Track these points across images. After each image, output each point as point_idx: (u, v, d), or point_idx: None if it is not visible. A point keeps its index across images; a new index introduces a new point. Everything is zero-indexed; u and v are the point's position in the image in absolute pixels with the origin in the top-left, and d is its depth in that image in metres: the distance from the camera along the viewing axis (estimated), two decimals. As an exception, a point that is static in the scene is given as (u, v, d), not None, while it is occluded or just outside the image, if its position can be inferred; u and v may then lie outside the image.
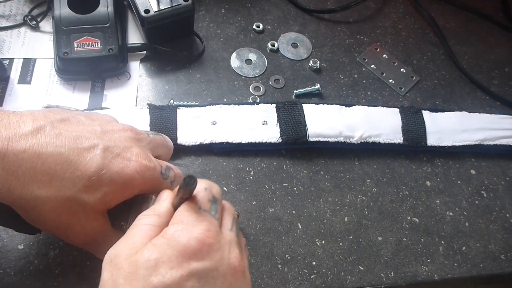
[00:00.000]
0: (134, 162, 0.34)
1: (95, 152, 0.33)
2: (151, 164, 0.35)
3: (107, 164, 0.33)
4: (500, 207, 0.50)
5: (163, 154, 0.40)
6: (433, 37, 0.62)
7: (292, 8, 0.62)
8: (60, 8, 0.49)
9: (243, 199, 0.47)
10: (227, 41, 0.57)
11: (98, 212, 0.34)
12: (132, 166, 0.34)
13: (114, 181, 0.33)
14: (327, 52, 0.58)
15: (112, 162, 0.33)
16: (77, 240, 0.35)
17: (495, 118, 0.55)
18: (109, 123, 0.37)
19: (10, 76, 0.51)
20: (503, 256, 0.47)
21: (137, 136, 0.37)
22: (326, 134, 0.50)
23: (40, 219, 0.33)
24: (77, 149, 0.32)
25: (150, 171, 0.35)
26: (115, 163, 0.33)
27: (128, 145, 0.35)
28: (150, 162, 0.35)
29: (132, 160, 0.34)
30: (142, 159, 0.35)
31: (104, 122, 0.36)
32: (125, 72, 0.53)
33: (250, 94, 0.53)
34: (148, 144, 0.37)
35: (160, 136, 0.40)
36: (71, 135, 0.33)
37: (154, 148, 0.38)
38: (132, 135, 0.36)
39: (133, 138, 0.36)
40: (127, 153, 0.34)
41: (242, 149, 0.49)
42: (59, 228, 0.33)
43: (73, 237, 0.34)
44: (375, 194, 0.49)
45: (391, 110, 0.53)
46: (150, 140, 0.38)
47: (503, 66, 0.61)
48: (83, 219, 0.33)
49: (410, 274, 0.45)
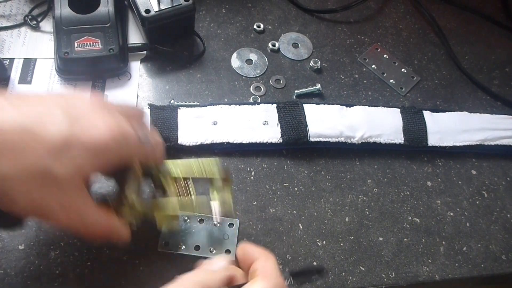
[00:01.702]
0: (104, 127, 0.32)
1: (60, 119, 0.31)
2: (123, 127, 0.33)
3: (74, 130, 0.31)
4: (501, 207, 0.50)
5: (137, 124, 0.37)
6: (434, 37, 0.62)
7: (292, 8, 0.62)
8: (61, 8, 0.49)
9: (244, 199, 0.47)
10: (227, 41, 0.57)
11: (73, 184, 0.31)
12: (102, 131, 0.32)
13: (84, 147, 0.31)
14: (327, 52, 0.58)
15: (80, 129, 0.31)
16: (58, 219, 0.32)
17: (496, 118, 0.55)
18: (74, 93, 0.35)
19: (11, 76, 0.51)
20: (504, 257, 0.47)
21: (105, 104, 0.35)
22: (327, 134, 0.50)
23: (12, 201, 0.30)
24: (40, 119, 0.30)
25: (124, 135, 0.33)
26: (83, 129, 0.31)
27: (96, 111, 0.33)
28: (122, 126, 0.33)
29: (101, 125, 0.32)
30: (112, 123, 0.33)
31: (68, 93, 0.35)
32: (126, 72, 0.52)
33: (251, 94, 0.53)
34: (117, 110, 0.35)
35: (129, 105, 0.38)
36: (33, 107, 0.31)
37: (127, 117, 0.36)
38: (100, 103, 0.34)
39: (100, 105, 0.34)
40: (95, 119, 0.32)
41: (243, 149, 0.49)
42: (34, 208, 0.31)
43: (53, 217, 0.32)
44: (376, 194, 0.49)
45: (392, 110, 0.53)
46: (119, 107, 0.36)
47: (503, 66, 0.61)
48: (58, 194, 0.31)
49: (411, 275, 0.45)
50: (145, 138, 0.35)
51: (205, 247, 0.43)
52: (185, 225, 0.44)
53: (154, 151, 0.36)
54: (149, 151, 0.36)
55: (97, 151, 0.31)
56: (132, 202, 0.36)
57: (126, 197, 0.36)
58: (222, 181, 0.40)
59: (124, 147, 0.33)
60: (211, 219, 0.44)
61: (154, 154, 0.37)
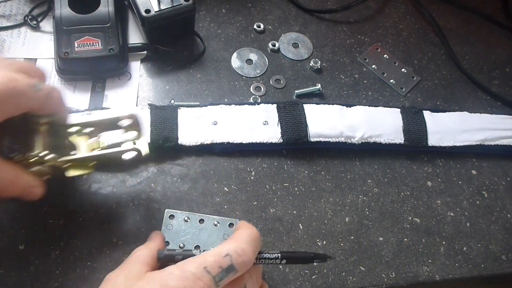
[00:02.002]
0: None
1: None
2: (13, 77, 0.33)
3: None
4: (501, 208, 0.50)
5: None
6: (434, 37, 0.62)
7: (293, 8, 0.62)
8: (61, 8, 0.49)
9: (244, 199, 0.47)
10: (227, 41, 0.57)
11: None
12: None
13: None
14: (328, 52, 0.58)
15: None
16: None
17: (496, 118, 0.55)
18: None
19: (11, 76, 0.51)
20: (504, 257, 0.47)
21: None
22: (327, 134, 0.50)
23: None
24: None
25: (14, 83, 0.33)
26: None
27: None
28: (12, 76, 0.33)
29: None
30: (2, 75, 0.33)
31: None
32: (126, 72, 0.52)
33: (251, 94, 0.53)
34: (11, 65, 0.36)
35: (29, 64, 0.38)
36: None
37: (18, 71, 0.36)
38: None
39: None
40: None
41: (243, 149, 0.49)
42: None
43: None
44: (376, 194, 0.49)
45: (392, 110, 0.53)
46: (9, 62, 0.36)
47: (504, 66, 0.61)
48: None
49: (411, 275, 0.45)
50: (36, 85, 0.35)
51: (205, 247, 0.43)
52: (185, 225, 0.44)
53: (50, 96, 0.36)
54: (44, 96, 0.36)
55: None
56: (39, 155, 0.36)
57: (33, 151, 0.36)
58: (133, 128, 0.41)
59: (15, 95, 0.33)
60: (211, 219, 0.44)
61: (51, 100, 0.37)
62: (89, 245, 0.40)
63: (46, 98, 0.36)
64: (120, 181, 0.46)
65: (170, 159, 0.48)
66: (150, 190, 0.46)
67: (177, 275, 0.31)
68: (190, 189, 0.46)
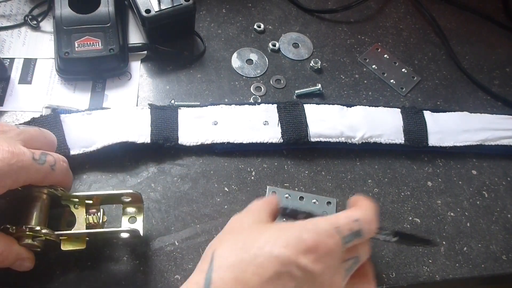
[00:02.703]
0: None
1: None
2: (16, 150, 0.34)
3: None
4: (502, 208, 0.50)
5: (41, 147, 0.38)
6: (434, 37, 0.62)
7: (293, 8, 0.62)
8: (61, 8, 0.49)
9: (245, 199, 0.47)
10: (228, 41, 0.57)
11: None
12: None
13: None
14: (328, 52, 0.58)
15: None
16: None
17: (496, 119, 0.55)
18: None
19: (11, 76, 0.51)
20: (504, 257, 0.47)
21: (0, 129, 0.36)
22: (327, 134, 0.50)
23: None
24: None
25: (17, 158, 0.33)
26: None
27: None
28: (15, 149, 0.34)
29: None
30: (4, 147, 0.33)
31: None
32: (126, 72, 0.52)
33: (251, 94, 0.53)
34: (17, 136, 0.36)
35: (34, 128, 0.39)
36: None
37: (27, 140, 0.37)
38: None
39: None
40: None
41: (243, 149, 0.49)
42: None
43: None
44: (377, 194, 0.49)
45: (392, 110, 0.53)
46: (19, 131, 0.37)
47: (504, 66, 0.61)
48: None
49: (412, 275, 0.45)
50: (41, 158, 0.36)
51: None
52: (286, 201, 0.46)
53: (53, 169, 0.36)
54: (48, 170, 0.36)
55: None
56: (33, 229, 0.36)
57: (27, 224, 0.36)
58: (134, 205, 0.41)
59: (18, 170, 0.34)
60: (310, 197, 0.47)
61: (54, 172, 0.37)
62: (90, 245, 0.39)
63: (50, 171, 0.36)
64: (120, 181, 0.46)
65: (170, 159, 0.48)
66: (150, 190, 0.46)
67: (311, 229, 0.31)
68: (191, 189, 0.46)
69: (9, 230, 0.36)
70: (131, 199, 0.40)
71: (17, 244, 0.36)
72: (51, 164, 0.36)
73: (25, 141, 0.36)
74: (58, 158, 0.37)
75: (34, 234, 0.36)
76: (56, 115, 0.46)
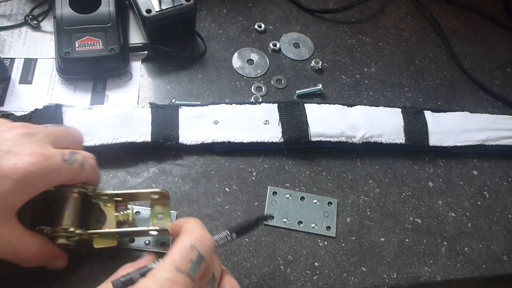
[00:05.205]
0: (27, 156, 0.33)
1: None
2: (47, 153, 0.34)
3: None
4: (503, 208, 0.50)
5: (69, 146, 0.38)
6: (435, 38, 0.62)
7: (294, 8, 0.62)
8: (62, 8, 0.49)
9: (245, 199, 0.47)
10: (228, 41, 0.57)
11: (1, 216, 0.33)
12: (25, 160, 0.33)
13: (8, 178, 0.32)
14: (329, 52, 0.58)
15: (3, 160, 0.32)
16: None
17: (497, 119, 0.55)
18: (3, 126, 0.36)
19: (11, 76, 0.50)
20: (505, 257, 0.47)
21: (30, 131, 0.36)
22: (328, 134, 0.49)
23: None
24: None
25: (48, 161, 0.34)
26: (6, 160, 0.32)
27: (19, 141, 0.34)
28: (46, 152, 0.34)
29: (24, 154, 0.33)
30: (36, 151, 0.34)
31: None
32: (127, 72, 0.52)
33: (252, 94, 0.53)
34: (46, 137, 0.36)
35: (61, 127, 0.39)
36: None
37: (56, 140, 0.37)
38: (23, 131, 0.35)
39: (24, 134, 0.35)
40: (18, 149, 0.33)
41: (244, 149, 0.49)
42: None
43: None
44: (377, 194, 0.49)
45: (393, 110, 0.53)
46: (48, 132, 0.37)
47: (505, 67, 0.61)
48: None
49: (413, 275, 0.45)
50: (71, 158, 0.36)
51: (308, 223, 0.46)
52: (287, 201, 0.46)
53: (83, 167, 0.37)
54: (78, 169, 0.36)
55: (21, 180, 0.33)
56: (67, 230, 0.37)
57: (61, 225, 0.37)
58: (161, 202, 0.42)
59: (51, 173, 0.34)
60: (311, 197, 0.47)
61: (84, 171, 0.37)
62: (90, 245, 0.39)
63: (79, 170, 0.37)
64: (121, 182, 0.46)
65: (171, 159, 0.48)
66: (151, 190, 0.46)
67: (152, 286, 0.30)
68: (191, 189, 0.46)
69: (44, 231, 0.37)
70: (159, 196, 0.41)
71: (52, 244, 0.37)
72: (80, 163, 0.37)
73: (53, 141, 0.37)
74: (86, 155, 0.38)
75: (68, 234, 0.37)
76: (58, 107, 0.46)
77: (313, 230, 0.45)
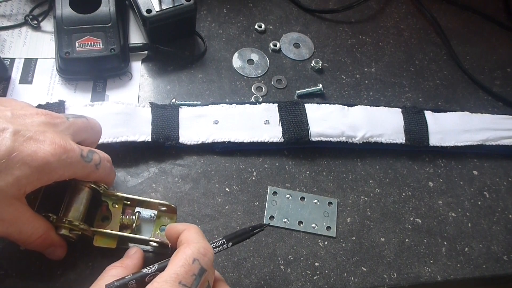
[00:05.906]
0: (48, 145, 0.34)
1: (5, 135, 0.33)
2: (67, 146, 0.35)
3: (17, 147, 0.32)
4: (503, 208, 0.50)
5: (88, 138, 0.39)
6: (435, 38, 0.62)
7: (294, 8, 0.62)
8: (62, 8, 0.49)
9: (245, 199, 0.47)
10: (229, 41, 0.57)
11: (13, 197, 0.33)
12: (45, 149, 0.33)
13: (27, 164, 0.33)
14: (329, 52, 0.58)
15: (24, 145, 0.33)
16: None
17: (498, 119, 0.55)
18: (23, 108, 0.36)
19: (12, 76, 0.50)
20: (505, 257, 0.47)
21: (52, 121, 0.36)
22: (328, 134, 0.49)
23: None
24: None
25: (67, 154, 0.34)
26: (27, 146, 0.33)
27: (42, 129, 0.35)
28: (66, 145, 0.35)
29: (45, 143, 0.34)
30: (57, 141, 0.34)
31: (17, 108, 0.36)
32: (127, 72, 0.52)
33: (252, 94, 0.53)
34: (67, 129, 0.37)
35: (82, 118, 0.39)
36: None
37: (76, 133, 0.38)
38: (47, 120, 0.36)
39: (47, 123, 0.36)
40: (40, 136, 0.34)
41: (244, 149, 0.49)
42: None
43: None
44: (378, 194, 0.49)
45: (393, 110, 0.53)
46: (69, 124, 0.37)
47: (505, 67, 0.61)
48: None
49: (413, 275, 0.45)
50: (88, 156, 0.37)
51: (308, 223, 0.46)
52: (287, 201, 0.46)
53: (97, 168, 0.38)
54: (92, 169, 0.37)
55: (38, 169, 0.33)
56: (72, 223, 0.38)
57: (67, 216, 0.38)
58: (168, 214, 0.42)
59: (67, 166, 0.35)
60: (311, 197, 0.47)
61: (97, 173, 0.38)
62: (90, 245, 0.39)
63: (94, 170, 0.37)
64: (121, 182, 0.46)
65: (171, 159, 0.48)
66: (151, 191, 0.46)
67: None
68: (192, 189, 0.46)
69: (50, 218, 0.38)
70: (166, 208, 0.42)
71: (55, 232, 0.38)
72: (96, 163, 0.37)
73: (74, 134, 0.37)
74: (104, 157, 0.38)
75: (72, 227, 0.38)
76: (61, 103, 0.46)
77: (313, 230, 0.45)
